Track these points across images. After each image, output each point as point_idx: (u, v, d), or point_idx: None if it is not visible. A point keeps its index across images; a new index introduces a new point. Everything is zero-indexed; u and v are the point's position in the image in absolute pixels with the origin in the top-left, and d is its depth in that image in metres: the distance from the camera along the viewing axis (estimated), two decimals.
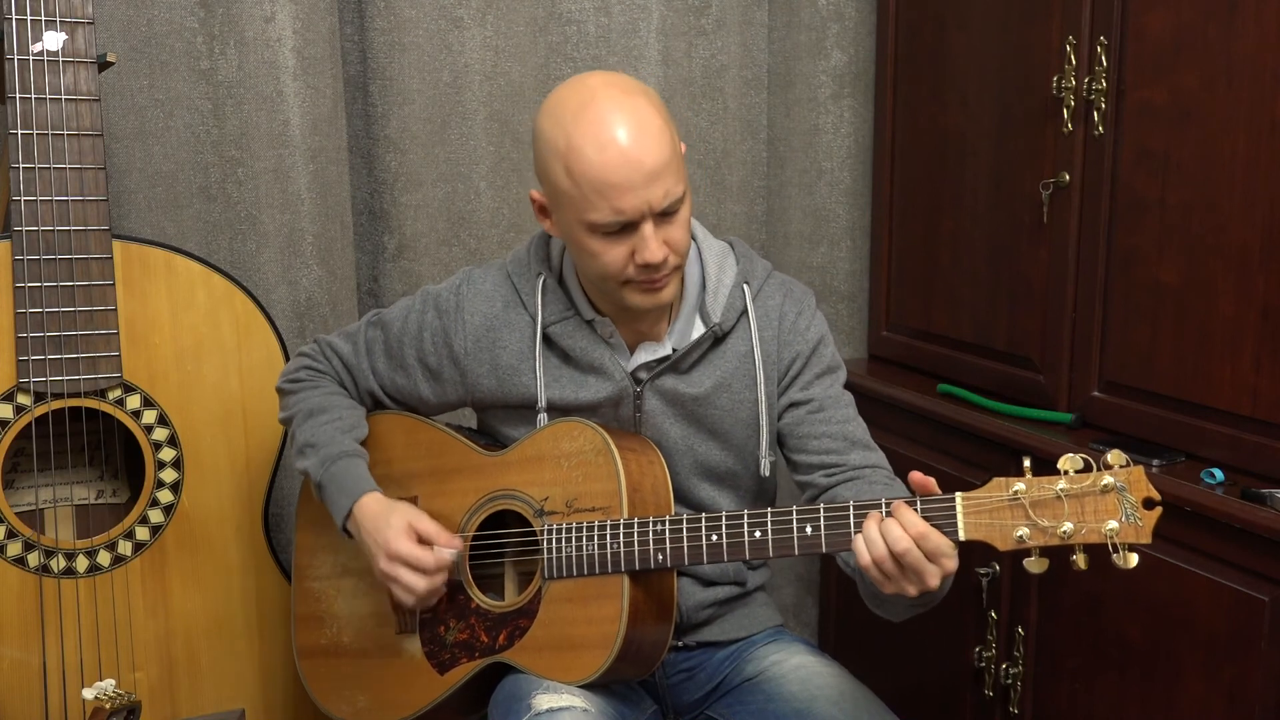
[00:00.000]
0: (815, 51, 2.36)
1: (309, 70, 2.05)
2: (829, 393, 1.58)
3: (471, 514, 1.57)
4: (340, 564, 1.68)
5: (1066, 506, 1.24)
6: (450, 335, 1.60)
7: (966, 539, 1.27)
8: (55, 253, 1.67)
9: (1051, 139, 1.78)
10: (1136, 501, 1.23)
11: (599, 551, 1.45)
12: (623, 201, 1.39)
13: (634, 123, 1.39)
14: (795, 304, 1.59)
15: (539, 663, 1.49)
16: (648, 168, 1.38)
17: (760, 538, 1.38)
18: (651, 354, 1.55)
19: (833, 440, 1.56)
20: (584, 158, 1.38)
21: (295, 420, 1.65)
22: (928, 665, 2.01)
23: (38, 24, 1.65)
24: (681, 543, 1.42)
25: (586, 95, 1.41)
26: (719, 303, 1.55)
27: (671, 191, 1.41)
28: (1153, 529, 1.23)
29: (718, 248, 1.60)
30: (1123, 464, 1.24)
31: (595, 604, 1.46)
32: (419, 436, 1.65)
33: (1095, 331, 1.73)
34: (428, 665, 1.58)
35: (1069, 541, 1.24)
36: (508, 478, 1.55)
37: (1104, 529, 1.23)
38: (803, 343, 1.58)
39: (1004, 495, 1.26)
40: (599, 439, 1.48)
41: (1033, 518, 1.25)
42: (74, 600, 1.74)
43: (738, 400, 1.57)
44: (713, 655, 1.63)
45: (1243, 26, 1.48)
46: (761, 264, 1.62)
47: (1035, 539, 1.25)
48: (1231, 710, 1.48)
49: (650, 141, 1.39)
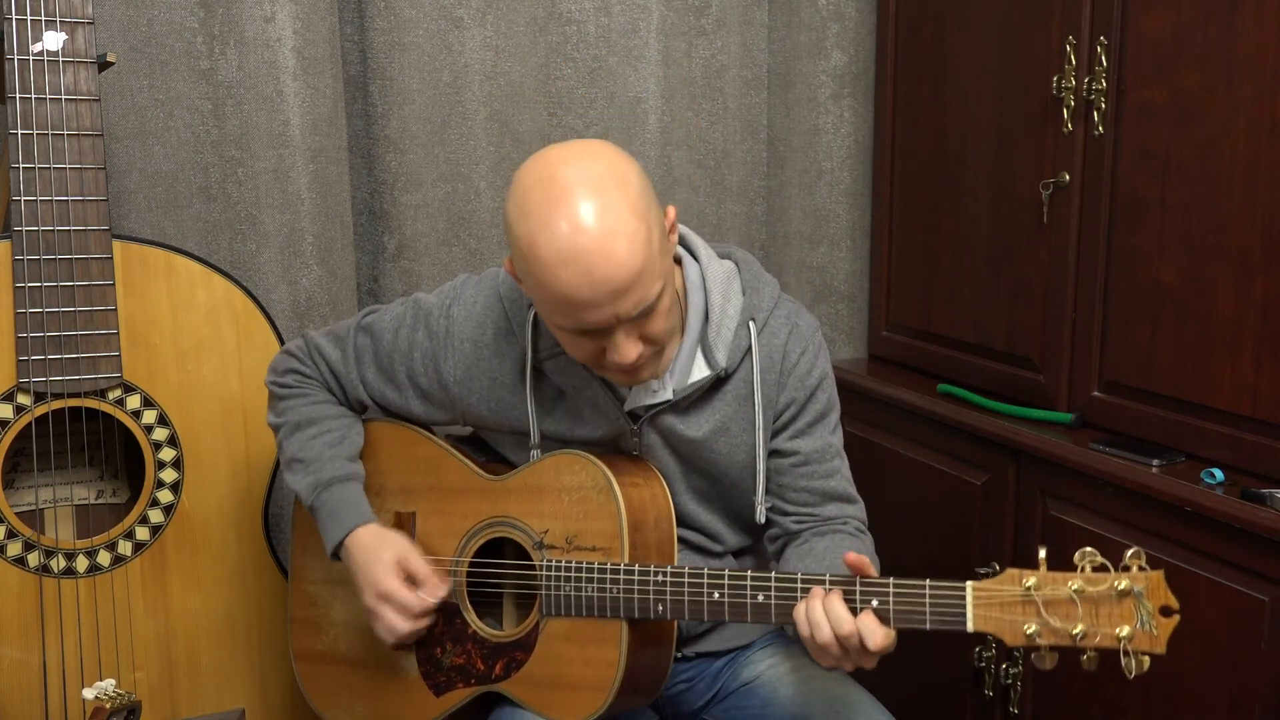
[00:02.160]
0: (815, 51, 2.36)
1: (309, 70, 2.05)
2: (816, 445, 1.53)
3: (470, 537, 1.55)
4: (337, 570, 1.66)
5: (1080, 608, 1.19)
6: (440, 361, 1.55)
7: (975, 630, 1.23)
8: (55, 253, 1.67)
9: (1051, 139, 1.78)
10: (1153, 609, 1.18)
11: (598, 595, 1.42)
12: (588, 316, 1.30)
13: (602, 232, 1.26)
14: (800, 342, 1.52)
15: (535, 698, 1.48)
16: (613, 285, 1.27)
17: (764, 601, 1.34)
18: (650, 397, 1.48)
19: (811, 495, 1.52)
20: (546, 270, 1.28)
21: (283, 430, 1.62)
22: (928, 665, 2.01)
23: (38, 24, 1.65)
24: (683, 597, 1.39)
25: (554, 192, 1.28)
26: (723, 342, 1.47)
27: (644, 299, 1.30)
28: (1168, 638, 1.19)
29: (723, 274, 1.51)
30: (1141, 565, 1.19)
31: (593, 646, 1.44)
32: (418, 451, 1.62)
33: (1095, 331, 1.73)
34: (424, 685, 1.58)
35: (1080, 645, 1.20)
36: (508, 505, 1.53)
37: (1117, 634, 1.18)
38: (801, 388, 1.51)
39: (1016, 590, 1.21)
40: (601, 477, 1.45)
41: (1044, 616, 1.20)
42: (74, 600, 1.73)
43: (735, 444, 1.51)
44: (711, 664, 1.62)
45: (1243, 26, 1.48)
46: (769, 289, 1.53)
47: (1046, 638, 1.21)
48: (1231, 710, 1.48)
49: (618, 255, 1.26)
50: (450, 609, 1.55)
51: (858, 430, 2.19)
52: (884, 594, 1.27)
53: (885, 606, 1.27)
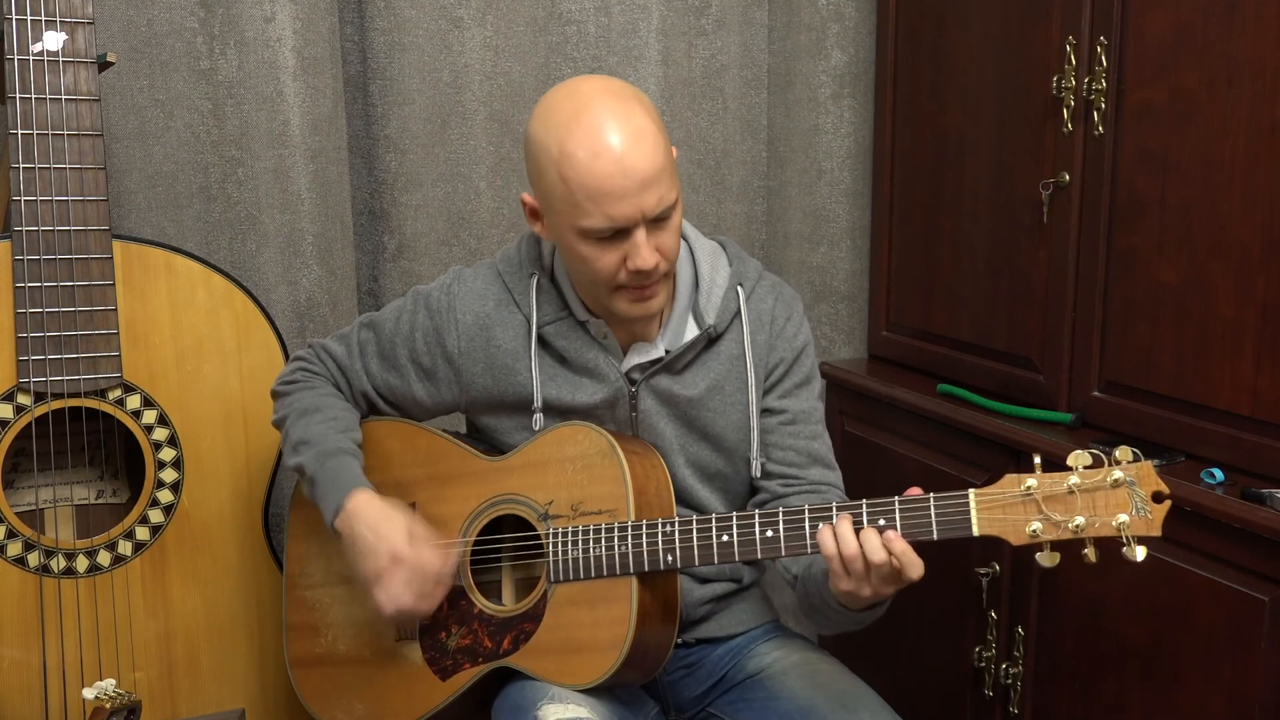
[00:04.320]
0: (815, 51, 2.36)
1: (309, 70, 2.05)
2: (803, 406, 1.61)
3: (472, 519, 1.57)
4: (335, 571, 1.67)
5: (1079, 500, 1.27)
6: (443, 334, 1.59)
7: (981, 534, 1.29)
8: (55, 253, 1.67)
9: (1051, 139, 1.78)
10: (1146, 495, 1.25)
11: (607, 553, 1.45)
12: (616, 209, 1.39)
13: (628, 130, 1.39)
14: (785, 307, 1.61)
15: (545, 666, 1.48)
16: (641, 175, 1.38)
17: (772, 536, 1.39)
18: (645, 355, 1.56)
19: (797, 454, 1.59)
20: (577, 164, 1.39)
21: (289, 419, 1.63)
22: (928, 665, 2.01)
23: (38, 24, 1.65)
24: (691, 543, 1.42)
25: (580, 101, 1.41)
26: (713, 304, 1.56)
27: (664, 198, 1.41)
28: (1162, 521, 1.25)
29: (709, 247, 1.61)
30: (1130, 459, 1.26)
31: (603, 606, 1.46)
32: (416, 442, 1.64)
33: (1095, 331, 1.73)
34: (429, 672, 1.58)
35: (1081, 535, 1.26)
36: (509, 482, 1.55)
37: (1115, 522, 1.25)
38: (789, 349, 1.60)
39: (1017, 491, 1.29)
40: (604, 442, 1.48)
41: (1045, 512, 1.27)
42: (74, 600, 1.74)
43: (729, 403, 1.58)
44: (711, 651, 1.64)
45: (1243, 26, 1.48)
46: (753, 265, 1.63)
47: (1048, 533, 1.27)
48: (1231, 710, 1.48)
49: (644, 149, 1.39)
50: (455, 592, 1.56)
51: (858, 430, 2.19)
52: (890, 511, 1.33)
53: (892, 523, 1.32)
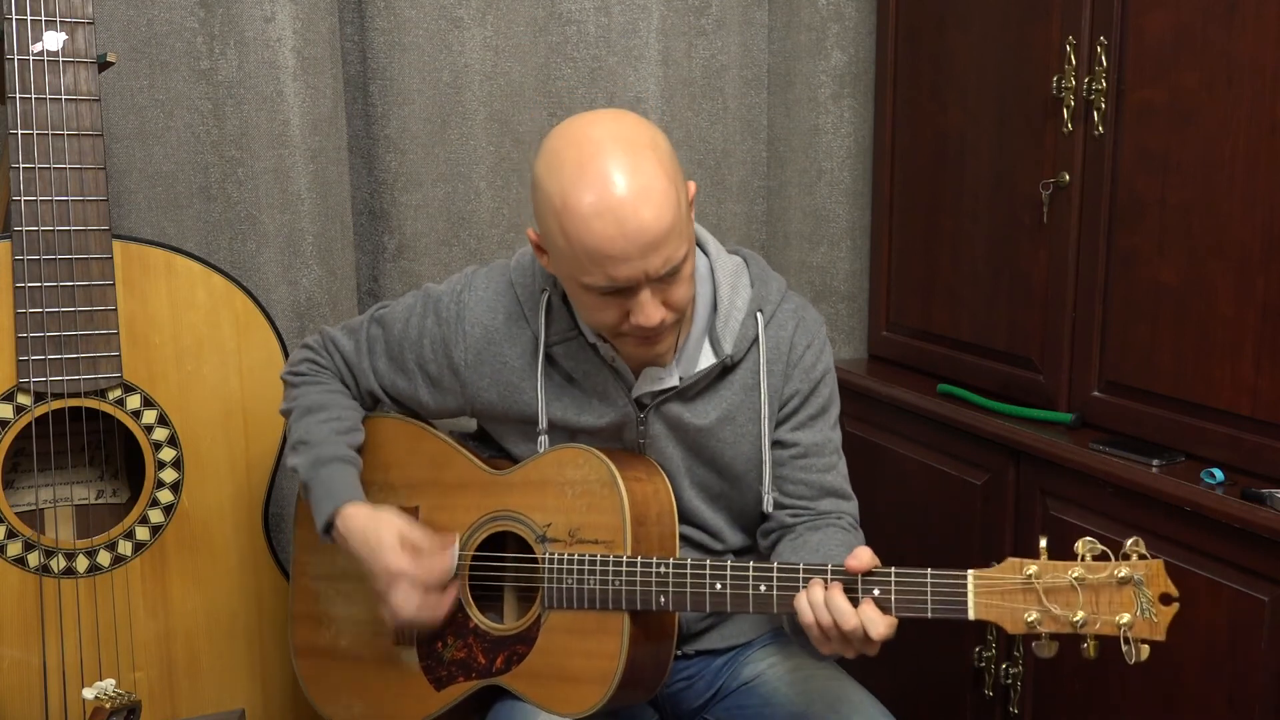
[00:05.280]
0: (815, 51, 2.36)
1: (309, 70, 2.05)
2: (816, 439, 1.54)
3: (472, 531, 1.56)
4: (339, 565, 1.67)
5: (1081, 596, 1.20)
6: (450, 345, 1.57)
7: (976, 619, 1.24)
8: (55, 253, 1.67)
9: (1051, 139, 1.78)
10: (1153, 596, 1.19)
11: (600, 587, 1.43)
12: (617, 271, 1.31)
13: (635, 186, 1.29)
14: (806, 334, 1.54)
15: (536, 691, 1.48)
16: (646, 239, 1.29)
17: (765, 592, 1.35)
18: (657, 383, 1.49)
19: (808, 488, 1.54)
20: (579, 222, 1.30)
21: (293, 415, 1.63)
22: (927, 665, 2.01)
23: (38, 24, 1.65)
24: (685, 589, 1.39)
25: (587, 150, 1.31)
26: (730, 330, 1.49)
27: (672, 258, 1.32)
28: (1168, 625, 1.20)
29: (731, 266, 1.53)
30: (1141, 553, 1.20)
31: (594, 638, 1.44)
32: (422, 445, 1.63)
33: (1095, 331, 1.74)
34: (424, 680, 1.58)
35: (1081, 631, 1.21)
36: (510, 499, 1.53)
37: (1118, 622, 1.19)
38: (805, 380, 1.53)
39: (1017, 578, 1.22)
40: (605, 470, 1.46)
41: (1045, 604, 1.21)
42: (74, 600, 1.74)
43: (741, 434, 1.53)
44: (711, 663, 1.62)
45: (1243, 26, 1.48)
46: (776, 285, 1.55)
47: (1047, 625, 1.21)
48: (1231, 710, 1.48)
49: (652, 209, 1.29)
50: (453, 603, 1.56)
51: (858, 430, 2.19)
52: (886, 583, 1.28)
53: (887, 595, 1.28)
